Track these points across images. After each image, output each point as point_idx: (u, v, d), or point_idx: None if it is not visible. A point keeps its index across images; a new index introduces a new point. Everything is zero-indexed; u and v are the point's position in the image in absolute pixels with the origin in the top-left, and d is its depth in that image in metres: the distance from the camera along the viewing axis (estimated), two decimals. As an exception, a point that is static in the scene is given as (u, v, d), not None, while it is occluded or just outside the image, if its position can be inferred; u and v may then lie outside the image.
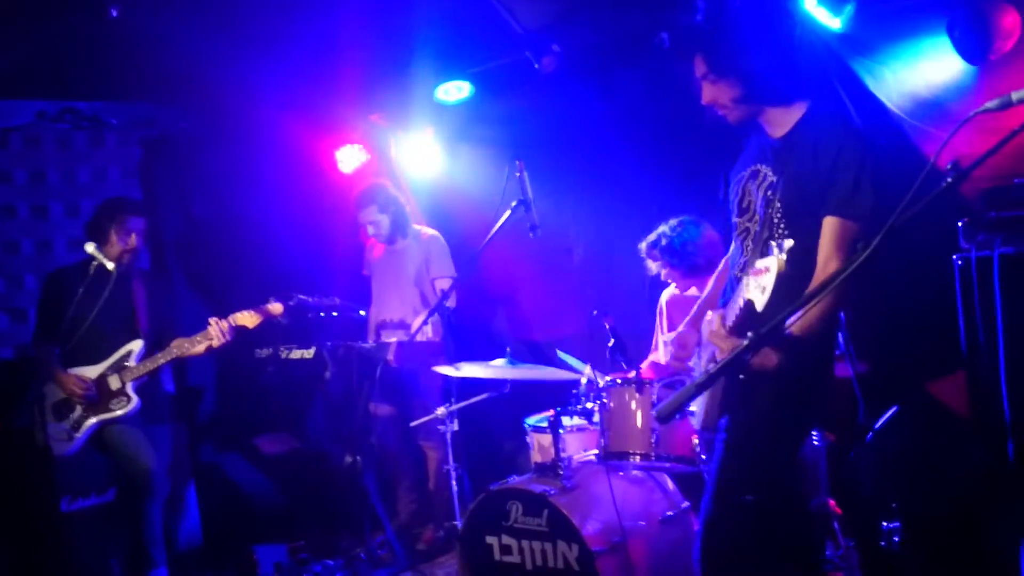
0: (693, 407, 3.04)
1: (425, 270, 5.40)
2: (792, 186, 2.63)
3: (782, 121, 2.74)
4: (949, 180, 1.78)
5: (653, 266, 4.58)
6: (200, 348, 4.52)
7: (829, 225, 2.55)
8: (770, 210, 2.66)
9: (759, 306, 2.28)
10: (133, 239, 4.60)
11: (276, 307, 4.62)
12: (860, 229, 2.51)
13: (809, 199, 2.59)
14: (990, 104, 1.81)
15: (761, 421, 2.60)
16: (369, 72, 5.55)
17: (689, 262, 4.40)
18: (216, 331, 4.48)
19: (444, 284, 5.32)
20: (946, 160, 1.95)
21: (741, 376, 2.06)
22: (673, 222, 4.50)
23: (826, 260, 2.54)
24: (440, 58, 5.39)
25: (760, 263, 2.26)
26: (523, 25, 4.71)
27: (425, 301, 5.36)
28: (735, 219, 2.88)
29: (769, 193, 2.69)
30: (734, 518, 2.61)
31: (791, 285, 2.49)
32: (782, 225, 2.64)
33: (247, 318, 4.55)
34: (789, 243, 2.31)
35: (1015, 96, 1.77)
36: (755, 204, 2.77)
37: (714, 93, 2.75)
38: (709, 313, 2.63)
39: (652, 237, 4.53)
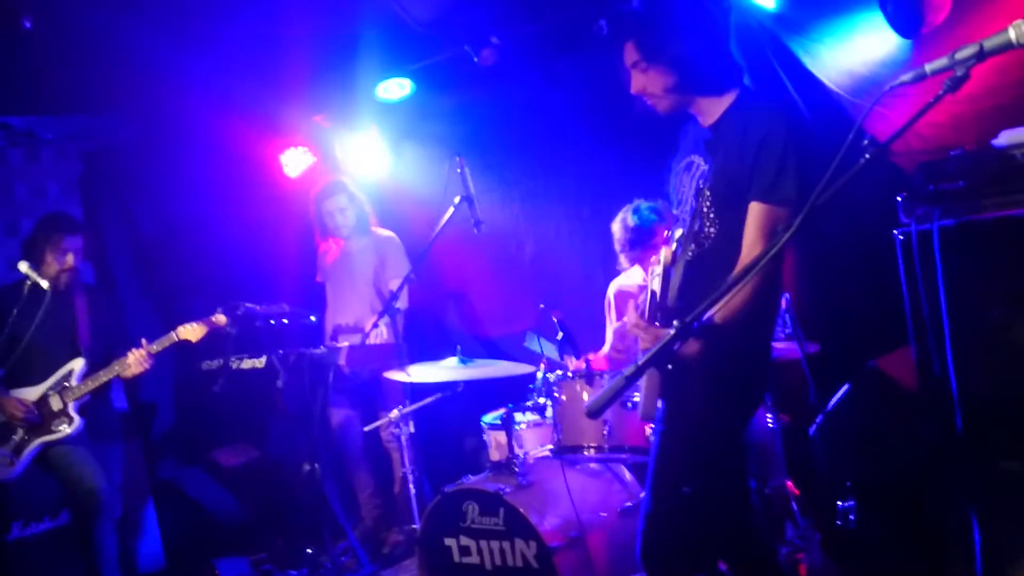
0: (636, 397, 3.02)
1: (382, 270, 5.34)
2: (720, 174, 2.61)
3: (712, 110, 2.72)
4: (867, 156, 1.75)
5: (625, 260, 4.51)
6: (129, 373, 4.43)
7: (754, 211, 2.53)
8: (701, 199, 2.65)
9: (659, 294, 2.34)
10: (70, 258, 4.49)
11: (219, 318, 4.55)
12: (786, 214, 2.50)
13: (736, 187, 2.57)
14: (904, 77, 1.78)
15: (692, 411, 2.56)
16: (310, 72, 5.47)
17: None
18: (134, 359, 4.38)
19: (396, 285, 5.27)
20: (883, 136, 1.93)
21: (669, 367, 2.03)
22: (642, 204, 4.39)
23: (751, 246, 2.52)
24: (380, 56, 5.32)
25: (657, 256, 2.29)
26: (416, 19, 4.64)
27: (383, 302, 5.30)
28: (674, 210, 2.87)
29: (700, 182, 2.69)
30: (672, 511, 2.58)
31: (718, 273, 2.49)
32: (711, 214, 2.62)
33: (191, 331, 4.46)
34: (679, 232, 2.31)
35: (928, 68, 1.75)
36: (687, 194, 2.76)
37: (644, 82, 2.72)
38: (630, 305, 2.62)
39: (621, 229, 4.42)
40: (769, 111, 2.62)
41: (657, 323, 2.45)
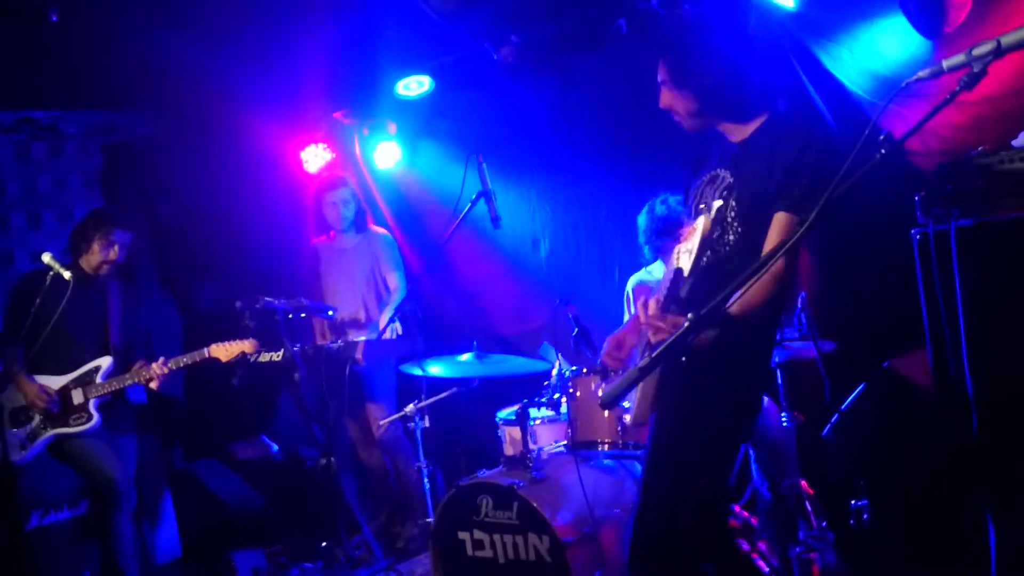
0: (626, 403, 3.01)
1: (377, 266, 5.41)
2: (748, 186, 2.60)
3: (739, 132, 2.72)
4: (881, 152, 1.75)
5: (650, 252, 4.51)
6: (148, 383, 4.51)
7: (779, 220, 2.52)
8: (726, 209, 2.64)
9: (687, 270, 2.29)
10: (115, 251, 4.53)
11: (252, 343, 4.61)
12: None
13: (763, 200, 2.56)
14: (922, 73, 1.79)
15: (692, 408, 2.57)
16: (330, 69, 5.50)
17: None
18: (157, 371, 4.46)
19: (393, 279, 5.33)
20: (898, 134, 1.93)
21: (683, 359, 2.01)
22: (669, 196, 4.39)
23: (771, 253, 2.49)
24: (400, 52, 5.35)
25: (688, 228, 2.25)
26: (436, 9, 4.65)
27: (379, 297, 5.36)
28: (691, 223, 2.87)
29: (725, 194, 2.67)
30: (661, 511, 2.57)
31: (733, 276, 2.48)
32: (735, 223, 2.62)
33: (223, 351, 4.53)
34: (718, 203, 2.30)
35: (946, 64, 1.75)
36: (709, 204, 2.75)
37: (671, 101, 2.71)
38: (643, 299, 2.60)
39: (649, 219, 4.42)
40: (804, 133, 2.60)
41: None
